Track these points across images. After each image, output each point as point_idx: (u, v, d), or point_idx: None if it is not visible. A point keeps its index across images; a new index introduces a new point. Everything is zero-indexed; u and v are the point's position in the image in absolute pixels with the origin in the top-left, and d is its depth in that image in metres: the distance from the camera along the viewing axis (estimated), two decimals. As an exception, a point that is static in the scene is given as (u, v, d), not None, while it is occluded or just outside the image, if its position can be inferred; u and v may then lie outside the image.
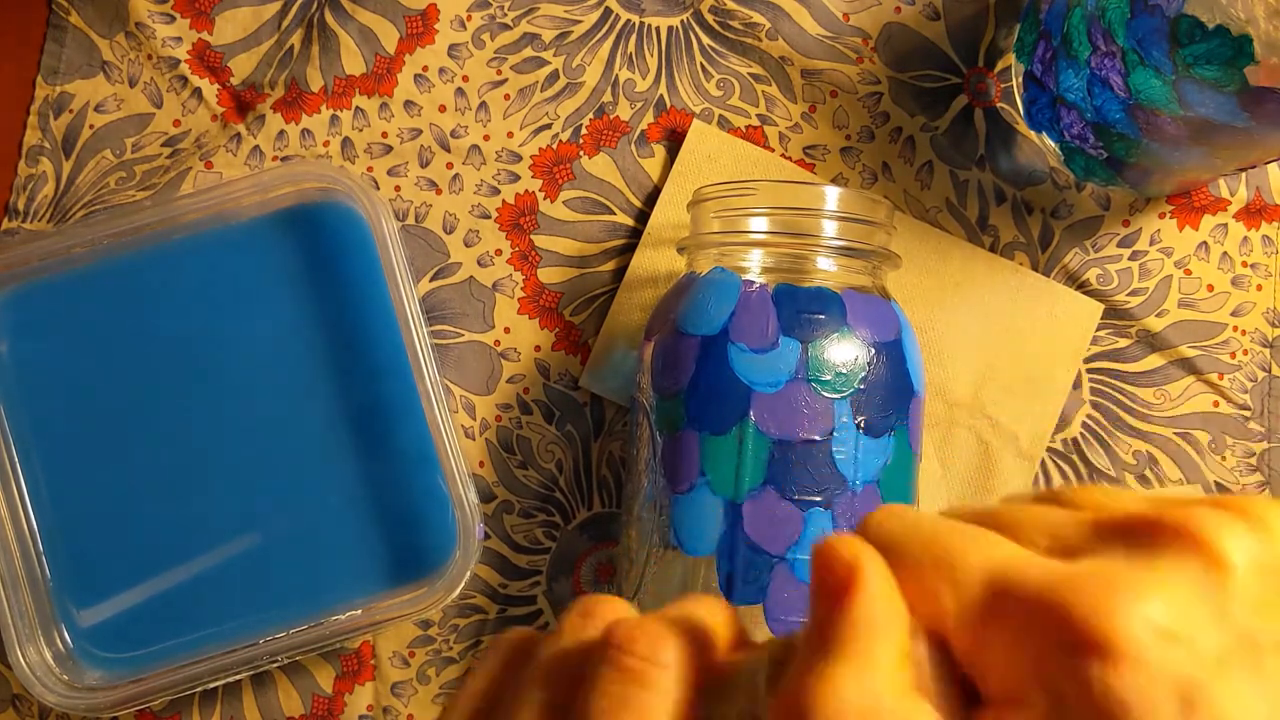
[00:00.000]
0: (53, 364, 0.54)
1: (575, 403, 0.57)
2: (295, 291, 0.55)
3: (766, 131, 0.57)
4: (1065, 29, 0.50)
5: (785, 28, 0.57)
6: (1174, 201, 0.58)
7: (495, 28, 0.57)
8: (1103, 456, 0.58)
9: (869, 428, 0.45)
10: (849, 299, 0.46)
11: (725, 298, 0.46)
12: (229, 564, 0.54)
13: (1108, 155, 0.52)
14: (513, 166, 0.57)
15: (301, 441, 0.54)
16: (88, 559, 0.54)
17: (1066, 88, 0.51)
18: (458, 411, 0.56)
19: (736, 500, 0.44)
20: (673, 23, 0.57)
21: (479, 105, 0.57)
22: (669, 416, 0.47)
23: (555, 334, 0.57)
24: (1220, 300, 0.58)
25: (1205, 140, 0.47)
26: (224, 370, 0.54)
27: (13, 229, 0.56)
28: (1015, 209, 0.58)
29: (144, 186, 0.56)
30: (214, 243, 0.55)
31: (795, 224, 0.48)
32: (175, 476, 0.54)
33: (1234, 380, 0.58)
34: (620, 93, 0.57)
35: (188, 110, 0.57)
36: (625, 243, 0.57)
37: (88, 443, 0.54)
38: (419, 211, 0.57)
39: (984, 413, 0.57)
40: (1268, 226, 0.59)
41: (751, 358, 0.45)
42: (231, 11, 0.57)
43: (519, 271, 0.57)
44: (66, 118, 0.56)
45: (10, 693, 0.55)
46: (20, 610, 0.51)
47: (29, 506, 0.54)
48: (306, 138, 0.57)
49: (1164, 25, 0.43)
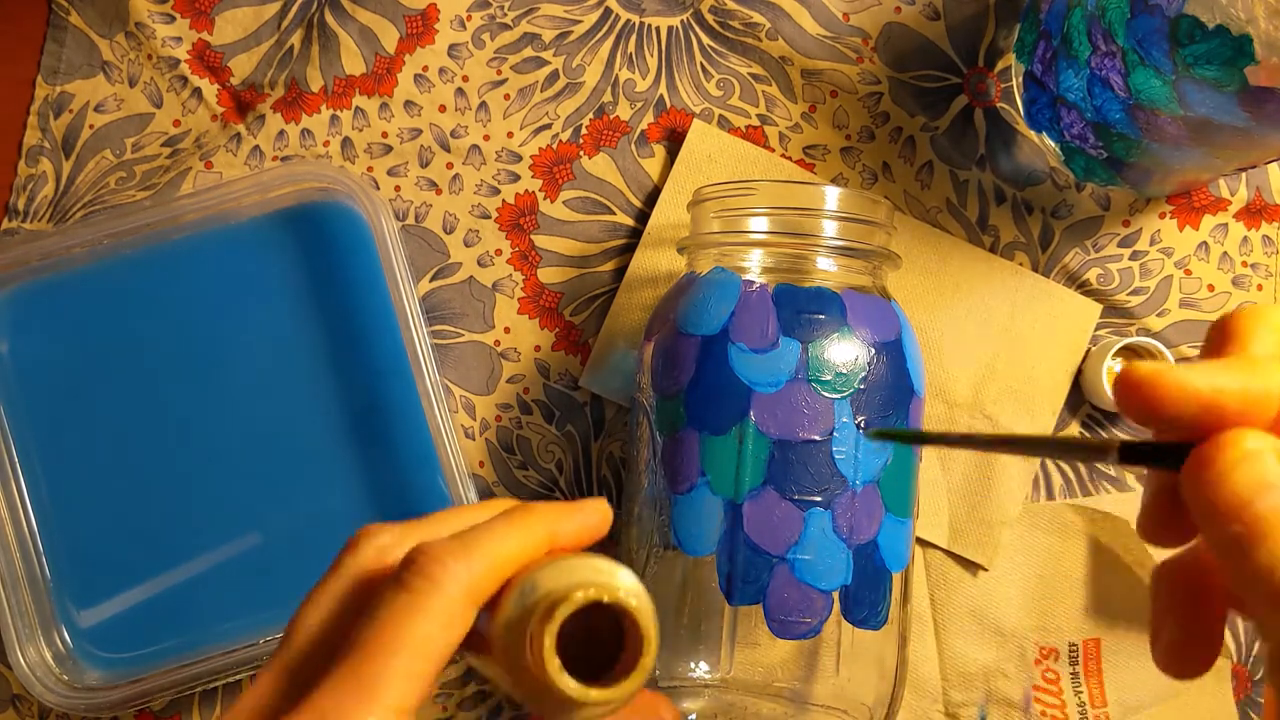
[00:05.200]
0: (53, 364, 0.54)
1: (575, 403, 0.57)
2: (295, 291, 0.55)
3: (766, 131, 0.57)
4: (1065, 29, 0.50)
5: (785, 28, 0.57)
6: (1174, 201, 0.58)
7: (495, 28, 0.57)
8: (1103, 456, 0.57)
9: (869, 428, 0.45)
10: (849, 299, 0.46)
11: (725, 298, 0.46)
12: (229, 564, 0.54)
13: (1108, 155, 0.52)
14: (513, 166, 0.57)
15: (301, 441, 0.54)
16: (88, 559, 0.54)
17: (1066, 88, 0.51)
18: (458, 411, 0.56)
19: (736, 500, 0.44)
20: (673, 23, 0.57)
21: (479, 105, 0.57)
22: (669, 416, 0.47)
23: (555, 334, 0.57)
24: (1221, 300, 0.58)
25: (1205, 140, 0.47)
26: (224, 370, 0.54)
27: (13, 229, 0.56)
28: (1015, 209, 0.58)
29: (144, 186, 0.56)
30: (214, 243, 0.55)
31: (795, 224, 0.48)
32: (175, 476, 0.54)
33: (1234, 380, 0.58)
34: (620, 93, 0.57)
35: (188, 110, 0.57)
36: (625, 243, 0.57)
37: (88, 442, 0.54)
38: (419, 211, 0.57)
39: (984, 413, 0.57)
40: (1268, 226, 0.59)
41: (751, 358, 0.45)
42: (231, 11, 0.57)
43: (519, 271, 0.57)
44: (66, 118, 0.56)
45: (10, 693, 0.55)
46: (20, 610, 0.51)
47: (29, 506, 0.54)
48: (306, 138, 0.57)
49: (1164, 25, 0.43)
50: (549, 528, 0.32)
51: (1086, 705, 0.55)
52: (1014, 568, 0.56)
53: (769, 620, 0.44)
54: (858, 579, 0.45)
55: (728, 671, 0.46)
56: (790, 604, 0.44)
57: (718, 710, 0.46)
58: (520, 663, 0.29)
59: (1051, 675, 0.56)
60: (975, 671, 0.56)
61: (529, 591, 0.29)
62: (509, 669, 0.29)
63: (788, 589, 0.44)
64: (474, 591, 0.29)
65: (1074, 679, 0.56)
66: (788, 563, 0.44)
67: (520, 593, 0.29)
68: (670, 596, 0.47)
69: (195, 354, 0.54)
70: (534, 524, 0.31)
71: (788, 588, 0.44)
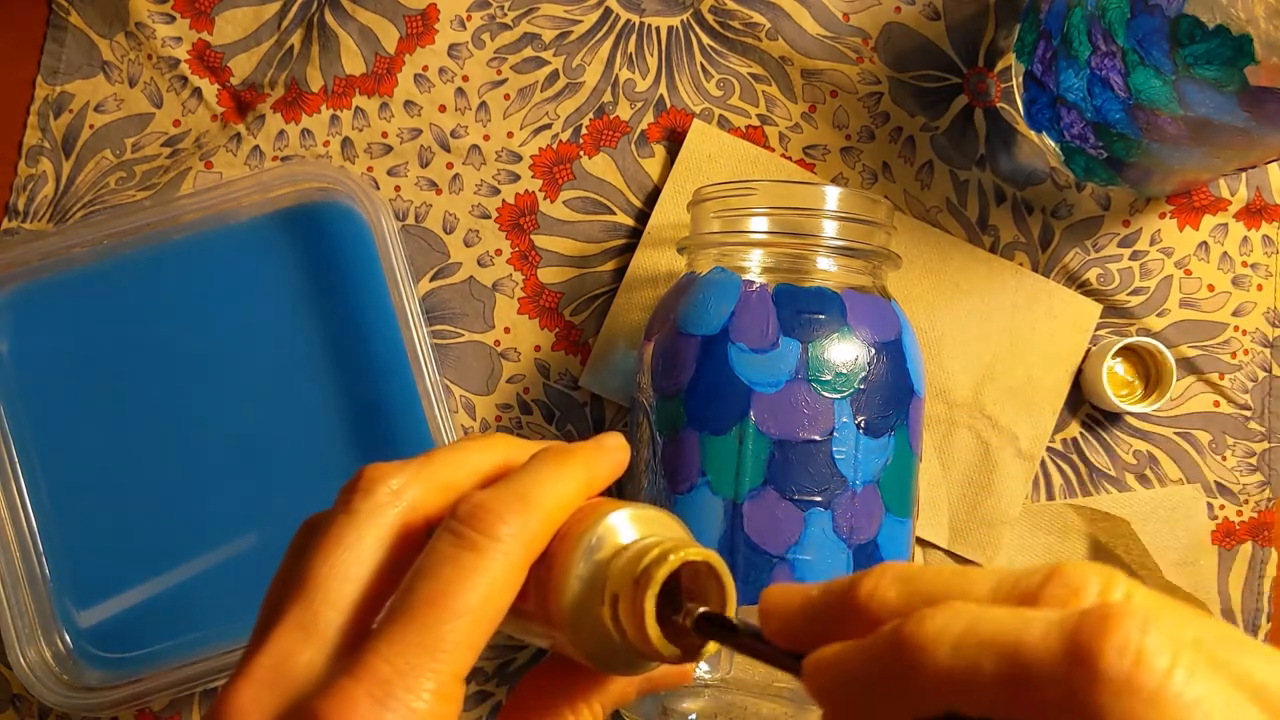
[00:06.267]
0: (53, 364, 0.54)
1: (575, 403, 0.57)
2: (295, 291, 0.55)
3: (766, 131, 0.57)
4: (1065, 29, 0.50)
5: (785, 28, 0.57)
6: (1174, 201, 0.58)
7: (495, 28, 0.57)
8: (1103, 456, 0.58)
9: (869, 428, 0.45)
10: (849, 299, 0.46)
11: (725, 298, 0.46)
12: (229, 564, 0.54)
13: (1108, 155, 0.52)
14: (513, 166, 0.57)
15: (301, 441, 0.54)
16: (88, 559, 0.54)
17: (1066, 88, 0.51)
18: (458, 411, 0.56)
19: (736, 500, 0.44)
20: (673, 23, 0.57)
21: (479, 105, 0.57)
22: (669, 416, 0.47)
23: (555, 334, 0.57)
24: (1221, 300, 0.58)
25: (1205, 140, 0.47)
26: (224, 370, 0.54)
27: (13, 229, 0.56)
28: (1015, 209, 0.58)
29: (144, 186, 0.56)
30: (214, 243, 0.55)
31: (795, 224, 0.48)
32: (175, 476, 0.54)
33: (1234, 380, 0.58)
34: (620, 93, 0.57)
35: (188, 110, 0.57)
36: (625, 243, 0.57)
37: (88, 443, 0.54)
38: (419, 211, 0.57)
39: (984, 413, 0.57)
40: (1268, 226, 0.58)
41: (751, 358, 0.45)
42: (231, 11, 0.57)
43: (519, 271, 0.57)
44: (66, 118, 0.56)
45: (10, 693, 0.55)
46: (20, 610, 0.51)
47: (29, 506, 0.54)
48: (306, 138, 0.57)
49: (1164, 25, 0.43)
50: (589, 469, 0.30)
51: (1086, 705, 0.55)
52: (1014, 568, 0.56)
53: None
54: (858, 579, 0.44)
55: (728, 671, 0.46)
56: (790, 604, 0.44)
57: (718, 710, 0.46)
58: (591, 621, 0.28)
59: (1051, 675, 0.56)
60: (975, 671, 0.56)
61: (597, 546, 0.28)
62: (572, 628, 0.28)
63: (788, 589, 0.44)
64: (532, 548, 0.28)
65: (1074, 679, 0.56)
66: (788, 563, 0.44)
67: (587, 548, 0.28)
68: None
69: (195, 354, 0.54)
70: (578, 469, 0.30)
71: (788, 588, 0.44)
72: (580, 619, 0.28)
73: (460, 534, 0.27)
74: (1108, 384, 0.55)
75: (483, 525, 0.27)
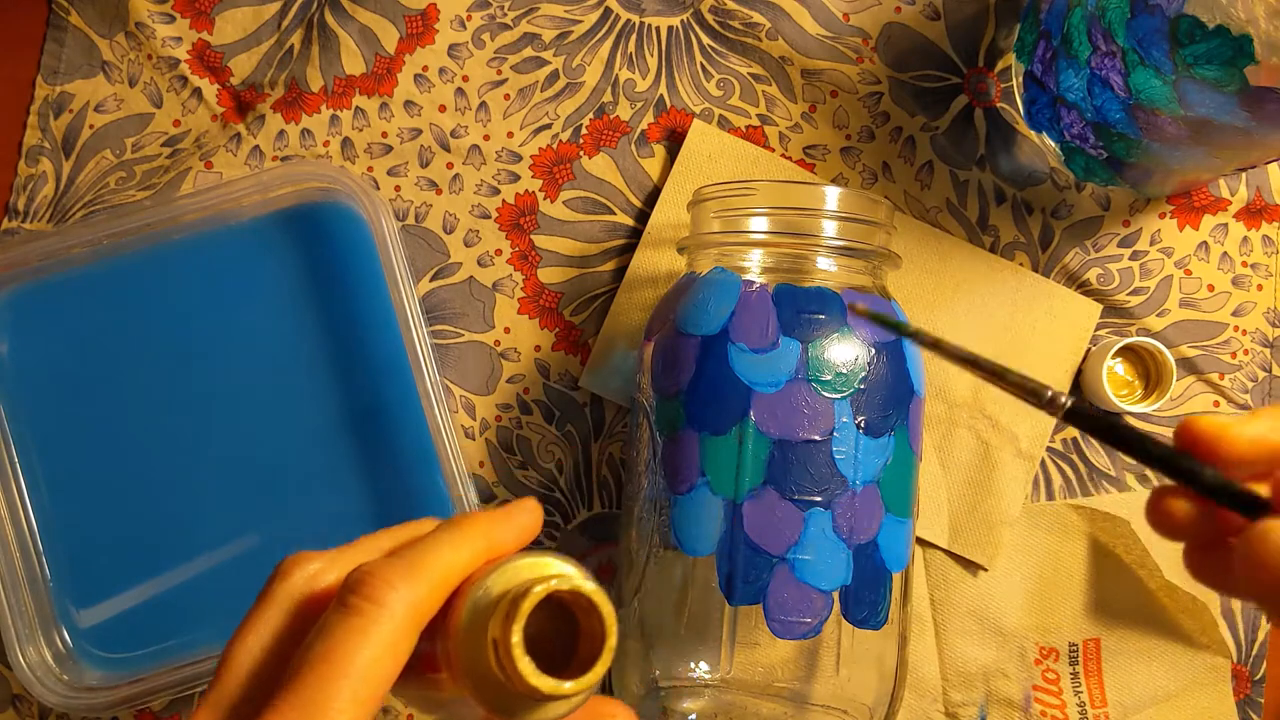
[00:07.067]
0: (53, 364, 0.54)
1: (575, 403, 0.57)
2: (295, 291, 0.55)
3: (766, 131, 0.57)
4: (1065, 29, 0.50)
5: (785, 28, 0.57)
6: (1174, 201, 0.58)
7: (495, 28, 0.57)
8: (1103, 456, 0.58)
9: (869, 428, 0.45)
10: (849, 299, 0.46)
11: (725, 298, 0.46)
12: (229, 564, 0.54)
13: (1108, 155, 0.52)
14: (513, 166, 0.57)
15: (301, 441, 0.54)
16: (88, 559, 0.54)
17: (1067, 88, 0.51)
18: (458, 411, 0.56)
19: (736, 500, 0.44)
20: (673, 23, 0.57)
21: (479, 105, 0.57)
22: (669, 417, 0.47)
23: (555, 334, 0.57)
24: (1221, 300, 0.58)
25: (1205, 140, 0.47)
26: (223, 370, 0.54)
27: (13, 229, 0.56)
28: (1015, 209, 0.58)
29: (144, 186, 0.56)
30: (214, 243, 0.55)
31: (795, 224, 0.48)
32: (175, 476, 0.54)
33: (1235, 380, 0.58)
34: (620, 93, 0.57)
35: (188, 110, 0.57)
36: (625, 243, 0.57)
37: (87, 443, 0.54)
38: (419, 211, 0.57)
39: (984, 413, 0.57)
40: (1268, 226, 0.58)
41: (751, 358, 0.45)
42: (231, 11, 0.57)
43: (519, 271, 0.57)
44: (66, 118, 0.56)
45: (10, 693, 0.55)
46: (20, 610, 0.51)
47: (29, 506, 0.54)
48: (306, 138, 0.57)
49: (1164, 25, 0.43)
50: (486, 536, 0.31)
51: (1086, 705, 0.55)
52: (1014, 568, 0.56)
53: (769, 620, 0.44)
54: (858, 579, 0.45)
55: (728, 671, 0.46)
56: (790, 604, 0.44)
57: (718, 710, 0.46)
58: (481, 669, 0.29)
59: (1051, 675, 0.56)
60: (975, 671, 0.56)
61: (482, 597, 0.29)
62: (469, 679, 0.29)
63: (788, 589, 0.44)
64: (420, 611, 0.29)
65: (1074, 679, 0.56)
66: (788, 563, 0.44)
67: (473, 600, 0.29)
68: (670, 596, 0.47)
69: (195, 354, 0.54)
70: (472, 534, 0.31)
71: (788, 588, 0.44)
72: (473, 669, 0.29)
73: (347, 601, 0.28)
74: (1108, 384, 0.55)
75: (369, 591, 0.28)
